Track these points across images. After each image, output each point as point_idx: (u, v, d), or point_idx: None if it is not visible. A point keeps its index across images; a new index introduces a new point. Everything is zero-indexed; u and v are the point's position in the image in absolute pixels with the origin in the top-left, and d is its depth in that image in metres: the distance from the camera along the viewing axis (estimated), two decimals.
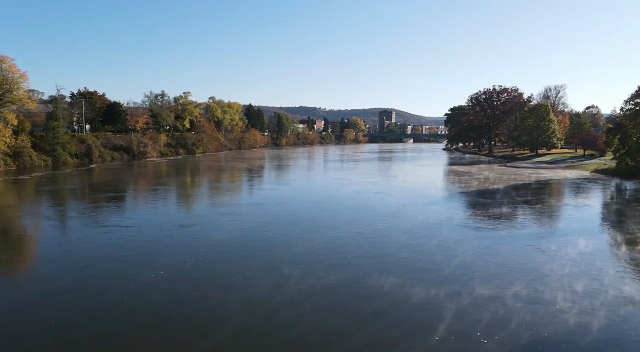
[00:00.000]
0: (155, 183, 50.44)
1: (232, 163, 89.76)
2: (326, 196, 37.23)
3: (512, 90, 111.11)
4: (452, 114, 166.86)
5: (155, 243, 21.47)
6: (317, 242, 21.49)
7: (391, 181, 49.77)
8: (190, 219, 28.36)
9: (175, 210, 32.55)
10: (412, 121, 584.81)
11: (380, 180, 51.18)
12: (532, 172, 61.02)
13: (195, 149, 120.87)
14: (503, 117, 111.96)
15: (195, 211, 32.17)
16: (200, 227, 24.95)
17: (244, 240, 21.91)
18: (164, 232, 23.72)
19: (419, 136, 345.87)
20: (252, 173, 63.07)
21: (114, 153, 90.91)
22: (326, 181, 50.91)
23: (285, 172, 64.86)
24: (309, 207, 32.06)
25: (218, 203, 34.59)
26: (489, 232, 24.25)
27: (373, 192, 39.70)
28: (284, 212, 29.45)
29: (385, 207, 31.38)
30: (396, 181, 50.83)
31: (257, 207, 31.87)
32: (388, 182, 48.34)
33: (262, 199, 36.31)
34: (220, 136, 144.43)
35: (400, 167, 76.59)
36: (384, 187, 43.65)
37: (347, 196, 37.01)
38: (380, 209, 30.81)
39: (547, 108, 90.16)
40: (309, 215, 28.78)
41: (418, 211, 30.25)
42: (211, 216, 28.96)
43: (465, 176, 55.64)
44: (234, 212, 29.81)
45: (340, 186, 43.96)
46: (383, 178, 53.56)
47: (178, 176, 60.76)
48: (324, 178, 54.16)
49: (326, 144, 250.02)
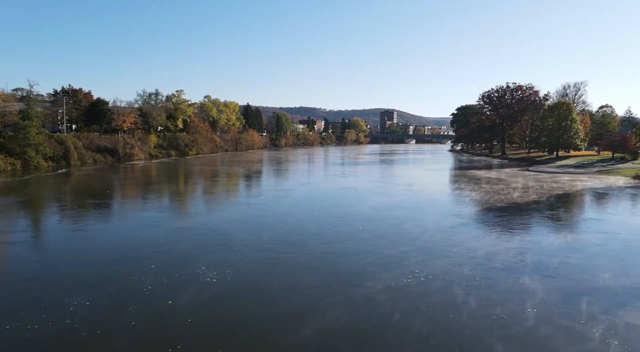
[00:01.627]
0: (122, 194, 42.83)
1: (225, 167, 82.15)
2: (340, 214, 29.18)
3: (527, 87, 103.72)
4: (459, 113, 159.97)
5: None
6: (344, 320, 12.98)
7: (411, 192, 41.42)
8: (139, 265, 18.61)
9: (133, 240, 22.79)
10: (413, 122, 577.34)
11: (396, 190, 43.38)
12: (569, 179, 53.31)
13: (188, 150, 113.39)
14: (517, 116, 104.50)
15: (153, 241, 22.93)
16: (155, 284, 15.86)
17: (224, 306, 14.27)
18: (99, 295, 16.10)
19: (421, 137, 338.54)
20: (246, 180, 55.41)
21: (96, 155, 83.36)
22: (333, 190, 43.23)
23: (284, 179, 57.22)
24: (323, 235, 23.39)
25: (191, 228, 26.30)
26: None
27: (396, 207, 31.88)
28: (287, 246, 21.29)
29: (428, 236, 22.89)
30: (416, 190, 42.80)
31: (252, 234, 23.88)
32: (408, 194, 40.03)
33: (259, 220, 28.55)
34: (216, 137, 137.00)
35: (412, 172, 68.90)
36: (406, 200, 35.54)
37: (367, 215, 28.70)
38: (422, 237, 22.56)
39: (570, 107, 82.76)
40: (326, 252, 20.06)
41: (479, 243, 21.73)
42: (179, 253, 20.31)
43: (499, 184, 47.52)
44: (216, 247, 22.06)
45: (353, 199, 36.33)
46: (398, 187, 45.47)
47: (156, 183, 53.12)
48: (330, 187, 46.35)
49: (327, 145, 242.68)
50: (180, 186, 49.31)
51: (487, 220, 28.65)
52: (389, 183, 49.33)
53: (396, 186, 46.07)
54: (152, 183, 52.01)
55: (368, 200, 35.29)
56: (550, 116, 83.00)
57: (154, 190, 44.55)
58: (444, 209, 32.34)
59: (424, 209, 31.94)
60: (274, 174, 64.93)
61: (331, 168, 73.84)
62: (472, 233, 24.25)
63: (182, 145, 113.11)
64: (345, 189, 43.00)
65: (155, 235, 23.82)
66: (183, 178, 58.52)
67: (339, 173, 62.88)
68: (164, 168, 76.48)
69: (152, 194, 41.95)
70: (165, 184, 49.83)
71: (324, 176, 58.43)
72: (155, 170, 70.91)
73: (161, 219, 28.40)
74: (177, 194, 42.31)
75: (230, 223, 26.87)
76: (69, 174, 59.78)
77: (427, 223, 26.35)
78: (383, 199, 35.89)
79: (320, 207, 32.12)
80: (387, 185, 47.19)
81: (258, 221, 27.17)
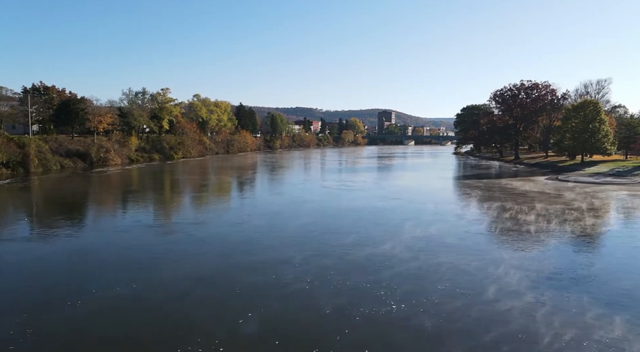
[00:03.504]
0: (67, 214, 33.45)
1: (211, 175, 72.80)
2: (364, 262, 19.69)
3: (543, 85, 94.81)
4: (464, 114, 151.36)
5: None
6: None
7: (444, 218, 29.81)
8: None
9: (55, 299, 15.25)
10: (411, 122, 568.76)
11: (421, 211, 33.57)
12: (628, 194, 43.91)
13: (173, 154, 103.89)
14: (532, 117, 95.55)
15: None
16: None
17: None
18: None
19: (421, 138, 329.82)
20: (226, 198, 46.06)
21: (64, 160, 73.77)
22: (343, 213, 33.71)
23: (276, 193, 47.88)
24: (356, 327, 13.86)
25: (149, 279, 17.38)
26: None
27: (441, 248, 22.32)
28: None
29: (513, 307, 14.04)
30: (450, 215, 32.36)
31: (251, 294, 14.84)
32: (443, 221, 28.84)
33: (253, 258, 19.35)
34: (205, 139, 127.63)
35: (426, 182, 59.38)
36: (449, 233, 25.38)
37: (408, 269, 19.41)
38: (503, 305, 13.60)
39: (598, 106, 73.91)
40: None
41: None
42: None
43: (550, 202, 37.08)
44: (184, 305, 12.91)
45: (372, 229, 26.96)
46: (422, 207, 35.22)
47: (121, 197, 43.73)
48: (337, 207, 36.55)
49: (323, 147, 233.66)
50: (133, 205, 39.83)
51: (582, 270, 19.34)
52: (406, 200, 39.50)
53: (419, 205, 36.24)
54: (127, 196, 42.61)
55: (394, 232, 25.60)
56: (575, 117, 74.10)
57: (128, 210, 35.12)
58: (520, 257, 21.35)
59: (489, 257, 21.35)
60: (264, 186, 55.53)
61: (330, 176, 64.46)
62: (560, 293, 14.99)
63: (166, 148, 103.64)
64: (357, 211, 33.24)
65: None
66: (147, 192, 49.00)
67: (341, 184, 53.52)
68: (144, 175, 67.01)
69: (82, 217, 32.53)
70: (111, 203, 40.30)
71: (325, 189, 48.96)
72: (132, 179, 61.47)
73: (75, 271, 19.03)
74: (116, 220, 32.86)
75: (192, 284, 17.53)
76: (12, 185, 50.19)
77: (515, 301, 15.82)
78: (413, 230, 26.07)
79: (330, 247, 22.37)
80: (404, 203, 37.54)
81: (230, 300, 17.59)
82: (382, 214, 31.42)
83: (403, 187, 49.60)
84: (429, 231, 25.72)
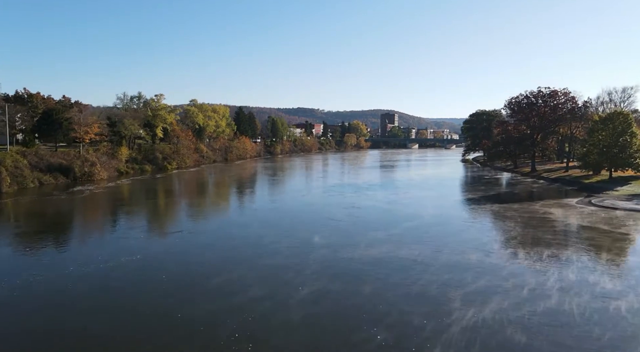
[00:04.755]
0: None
1: (203, 191, 66.40)
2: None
3: (563, 93, 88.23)
4: (473, 120, 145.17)
5: None
6: None
7: (494, 283, 22.82)
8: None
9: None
10: (413, 123, 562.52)
11: (449, 262, 27.12)
12: None
13: (166, 164, 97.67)
14: (552, 127, 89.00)
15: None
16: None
17: None
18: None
19: (424, 141, 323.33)
20: (219, 233, 39.72)
21: (44, 176, 67.44)
22: (354, 260, 27.51)
23: (277, 229, 41.50)
24: None
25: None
26: None
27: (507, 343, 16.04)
28: None
29: None
30: (490, 269, 25.99)
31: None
32: (492, 289, 22.21)
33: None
34: (202, 146, 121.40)
35: (442, 207, 52.98)
36: (493, 310, 19.47)
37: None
38: None
39: (629, 118, 67.36)
40: None
41: None
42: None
43: (636, 253, 31.01)
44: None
45: (394, 286, 20.73)
46: (449, 256, 28.87)
47: (68, 234, 37.36)
48: (347, 252, 30.41)
49: (325, 151, 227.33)
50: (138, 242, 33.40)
51: None
52: (432, 246, 32.66)
53: (453, 256, 29.71)
54: (92, 227, 36.19)
55: (441, 315, 18.90)
56: (603, 129, 67.57)
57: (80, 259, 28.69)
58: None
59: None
60: (259, 217, 49.10)
61: (334, 200, 57.96)
62: None
63: (159, 159, 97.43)
64: (377, 265, 26.34)
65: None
66: (105, 228, 42.61)
67: (348, 213, 47.05)
68: (128, 194, 60.68)
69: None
70: (51, 242, 33.92)
71: (331, 222, 42.44)
72: (111, 200, 54.97)
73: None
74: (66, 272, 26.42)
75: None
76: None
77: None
78: (463, 311, 19.50)
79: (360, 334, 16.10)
80: (432, 252, 30.67)
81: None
82: (411, 272, 24.94)
83: (419, 218, 43.02)
84: (487, 312, 19.05)
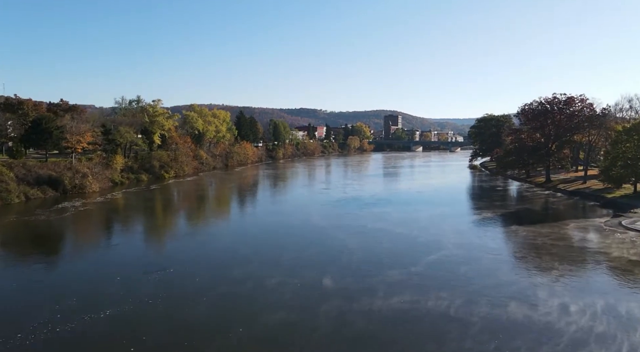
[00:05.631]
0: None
1: (197, 208, 62.13)
2: None
3: (580, 99, 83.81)
4: (481, 125, 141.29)
5: None
6: None
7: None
8: None
9: None
10: (416, 124, 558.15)
11: (483, 315, 23.28)
12: None
13: (164, 173, 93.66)
14: (568, 135, 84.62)
15: None
16: None
17: None
18: None
19: (428, 144, 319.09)
20: (217, 263, 35.57)
21: (32, 190, 63.40)
22: (372, 312, 23.40)
23: (278, 262, 37.32)
24: None
25: None
26: None
27: None
28: None
29: None
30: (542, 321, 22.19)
31: None
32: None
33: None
34: (202, 152, 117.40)
35: (456, 229, 48.77)
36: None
37: None
38: None
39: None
40: None
41: None
42: None
43: None
44: None
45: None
46: (486, 308, 24.72)
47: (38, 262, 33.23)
48: (364, 303, 26.14)
49: (328, 155, 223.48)
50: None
51: None
52: (459, 293, 28.79)
53: (493, 296, 25.43)
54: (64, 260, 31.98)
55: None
56: (627, 140, 63.32)
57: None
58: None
59: None
60: (259, 243, 45.01)
61: (338, 221, 53.59)
62: None
63: (156, 167, 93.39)
64: (404, 320, 22.30)
65: None
66: (85, 254, 38.49)
67: (358, 235, 42.91)
68: (97, 218, 55.15)
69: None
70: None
71: (337, 252, 38.24)
72: (71, 227, 50.46)
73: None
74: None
75: None
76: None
77: None
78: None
79: None
80: (457, 297, 26.86)
81: None
82: (447, 337, 20.68)
83: (440, 249, 38.79)
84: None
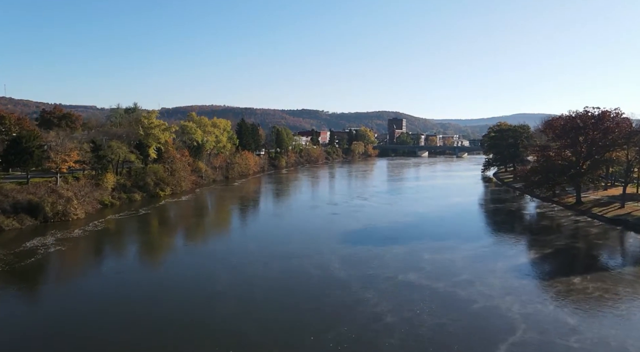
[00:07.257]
0: None
1: (192, 239, 54.04)
2: None
3: (615, 113, 76.13)
4: (497, 135, 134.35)
5: None
6: None
7: None
8: None
9: None
10: (419, 125, 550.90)
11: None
12: None
13: (159, 191, 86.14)
14: (602, 153, 76.90)
15: None
16: None
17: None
18: None
19: (434, 148, 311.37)
20: (214, 318, 28.11)
21: (7, 219, 56.06)
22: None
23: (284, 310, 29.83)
24: None
25: None
26: None
27: None
28: None
29: None
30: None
31: None
32: None
33: None
34: (201, 164, 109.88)
35: (516, 283, 40.90)
36: None
37: None
38: None
39: None
40: None
41: None
42: None
43: None
44: None
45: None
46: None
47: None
48: None
49: (332, 161, 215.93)
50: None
51: None
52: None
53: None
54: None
55: None
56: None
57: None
58: None
59: None
60: (264, 295, 37.52)
61: (352, 261, 46.28)
62: None
63: (151, 185, 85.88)
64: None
65: None
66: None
67: (380, 293, 35.51)
68: (72, 260, 47.19)
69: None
70: None
71: (366, 336, 30.78)
72: (31, 276, 42.68)
73: None
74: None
75: None
76: None
77: None
78: None
79: None
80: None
81: None
82: None
83: (497, 323, 31.45)
84: None
